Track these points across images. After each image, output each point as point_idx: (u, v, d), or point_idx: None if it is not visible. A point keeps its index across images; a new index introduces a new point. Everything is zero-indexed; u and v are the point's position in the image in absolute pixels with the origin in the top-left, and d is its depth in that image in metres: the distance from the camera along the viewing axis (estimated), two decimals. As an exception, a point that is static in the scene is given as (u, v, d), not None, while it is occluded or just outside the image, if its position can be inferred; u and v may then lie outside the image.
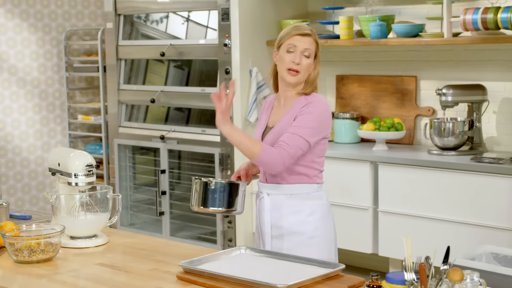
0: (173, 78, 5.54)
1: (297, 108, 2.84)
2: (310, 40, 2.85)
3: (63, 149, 3.00)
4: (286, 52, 2.85)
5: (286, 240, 2.88)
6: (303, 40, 2.84)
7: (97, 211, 2.84)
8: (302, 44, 2.83)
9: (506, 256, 2.36)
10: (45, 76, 6.08)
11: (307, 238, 2.86)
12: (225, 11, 4.91)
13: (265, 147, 2.75)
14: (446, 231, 4.12)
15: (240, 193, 2.83)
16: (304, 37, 2.84)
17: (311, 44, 2.85)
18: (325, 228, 2.89)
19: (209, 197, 2.80)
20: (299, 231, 2.86)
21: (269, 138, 2.88)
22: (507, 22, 3.97)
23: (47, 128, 6.12)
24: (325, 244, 2.88)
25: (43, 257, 2.61)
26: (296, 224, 2.86)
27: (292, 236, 2.87)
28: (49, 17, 6.07)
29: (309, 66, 2.85)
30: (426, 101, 4.77)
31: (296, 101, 2.87)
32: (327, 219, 2.91)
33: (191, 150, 5.25)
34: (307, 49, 2.84)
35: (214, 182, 2.79)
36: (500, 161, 3.99)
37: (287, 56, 2.84)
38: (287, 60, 2.84)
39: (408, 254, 2.06)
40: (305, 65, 2.84)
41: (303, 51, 2.83)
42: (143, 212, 5.73)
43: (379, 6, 4.91)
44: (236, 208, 2.83)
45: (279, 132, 2.84)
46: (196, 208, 2.83)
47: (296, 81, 2.85)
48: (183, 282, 2.35)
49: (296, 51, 2.84)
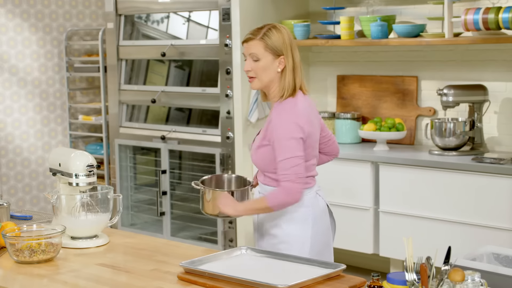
0: (174, 78, 5.54)
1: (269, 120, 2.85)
2: (253, 42, 2.83)
3: (64, 149, 3.00)
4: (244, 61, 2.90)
5: (265, 240, 2.92)
6: (248, 45, 2.85)
7: (98, 211, 2.84)
8: (247, 49, 2.86)
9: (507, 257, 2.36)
10: (46, 76, 6.08)
11: (278, 242, 2.86)
12: (226, 11, 4.91)
13: (270, 197, 2.78)
14: (447, 232, 4.12)
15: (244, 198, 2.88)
16: (247, 42, 2.85)
17: (255, 46, 2.82)
18: (296, 237, 2.84)
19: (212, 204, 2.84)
20: (272, 234, 2.89)
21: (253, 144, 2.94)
22: (508, 22, 3.97)
23: (48, 128, 6.12)
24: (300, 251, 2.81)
25: (44, 257, 2.61)
26: (271, 226, 2.89)
27: (268, 237, 2.90)
28: (50, 17, 6.07)
29: (262, 68, 2.82)
30: (427, 101, 4.77)
31: (272, 111, 2.88)
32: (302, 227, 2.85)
33: (192, 150, 5.25)
34: (252, 53, 2.84)
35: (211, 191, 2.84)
36: (501, 161, 3.98)
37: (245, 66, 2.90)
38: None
39: (409, 255, 2.05)
40: (256, 69, 2.83)
41: (250, 56, 2.85)
42: (144, 212, 5.73)
43: (380, 6, 4.91)
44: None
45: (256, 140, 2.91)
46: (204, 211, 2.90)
47: (254, 86, 2.87)
48: (184, 282, 2.35)
49: (247, 58, 2.87)
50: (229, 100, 4.96)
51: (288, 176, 2.73)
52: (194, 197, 5.38)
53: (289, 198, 2.75)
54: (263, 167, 2.89)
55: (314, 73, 5.30)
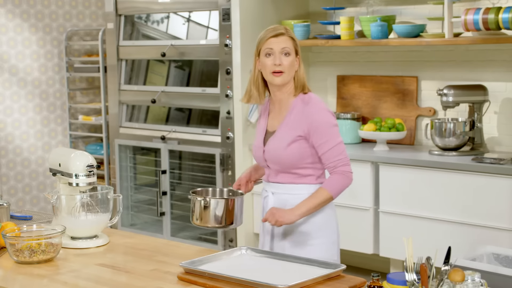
0: (174, 78, 5.54)
1: (297, 112, 2.85)
2: (285, 38, 2.86)
3: (64, 150, 3.00)
4: (265, 57, 2.87)
5: (289, 239, 2.88)
6: (278, 40, 2.85)
7: (97, 211, 2.84)
8: (278, 44, 2.85)
9: (507, 257, 2.36)
10: (46, 77, 6.08)
11: (309, 238, 2.86)
12: (226, 12, 4.91)
13: (330, 186, 2.80)
14: (447, 232, 4.12)
15: (237, 208, 2.83)
16: (278, 37, 2.86)
17: (287, 41, 2.86)
18: (327, 229, 2.89)
19: (206, 214, 2.80)
20: (301, 231, 2.87)
21: (271, 143, 2.90)
22: (508, 23, 3.97)
23: (48, 128, 6.12)
24: (327, 245, 2.88)
25: (44, 257, 2.60)
26: (299, 224, 2.86)
27: (294, 235, 2.87)
28: (50, 17, 6.07)
29: (291, 63, 2.86)
30: (427, 101, 4.76)
31: (293, 105, 2.88)
32: (330, 219, 2.91)
33: (192, 151, 5.25)
34: (284, 48, 2.85)
35: (208, 200, 2.79)
36: (501, 161, 3.98)
37: (268, 60, 2.86)
38: (268, 64, 2.86)
39: (409, 255, 2.05)
40: (287, 64, 2.85)
41: (281, 51, 2.85)
42: (144, 213, 5.73)
43: (380, 6, 4.91)
44: (234, 223, 2.84)
45: (282, 137, 2.86)
46: (194, 223, 2.85)
47: (282, 81, 2.86)
48: (184, 282, 2.35)
49: (275, 53, 2.85)
50: (229, 100, 4.96)
51: (343, 160, 2.82)
52: (194, 197, 5.37)
53: (348, 182, 2.83)
54: (295, 163, 2.85)
55: (314, 73, 5.30)
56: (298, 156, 2.84)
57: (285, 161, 2.86)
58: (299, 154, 2.83)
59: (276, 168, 2.90)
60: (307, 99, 2.88)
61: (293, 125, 2.85)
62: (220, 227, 2.83)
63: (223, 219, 2.81)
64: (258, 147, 2.97)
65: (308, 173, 2.86)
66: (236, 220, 2.84)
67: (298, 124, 2.84)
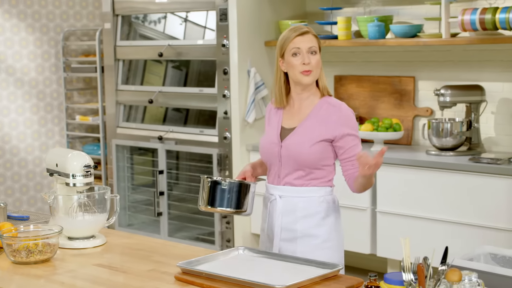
0: (171, 78, 5.54)
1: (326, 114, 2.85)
2: (311, 36, 2.85)
3: (61, 150, 3.00)
4: (292, 57, 2.83)
5: (300, 244, 2.83)
6: (304, 39, 2.83)
7: (95, 211, 2.84)
8: (305, 43, 2.83)
9: (504, 257, 2.36)
10: (43, 77, 6.07)
11: (322, 241, 2.82)
12: (223, 12, 4.91)
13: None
14: (445, 232, 4.12)
15: (250, 194, 2.77)
16: (304, 36, 2.83)
17: (313, 40, 2.85)
18: (337, 231, 2.87)
19: (218, 197, 2.73)
20: (313, 234, 2.83)
21: (291, 139, 2.84)
22: (505, 23, 3.97)
23: (45, 128, 6.11)
24: (338, 247, 2.86)
25: (41, 258, 2.60)
26: (310, 227, 2.83)
27: (306, 239, 2.83)
28: (47, 17, 6.06)
29: (318, 62, 2.86)
30: (424, 101, 4.77)
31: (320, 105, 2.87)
32: (338, 222, 2.90)
33: (189, 151, 5.25)
34: (311, 46, 2.84)
35: (225, 181, 2.72)
36: (498, 161, 3.99)
37: (295, 60, 2.82)
38: (296, 63, 2.82)
39: (406, 255, 2.05)
40: (315, 62, 2.84)
41: (308, 50, 2.83)
42: (141, 213, 5.73)
43: (377, 7, 4.91)
44: (246, 209, 2.77)
45: (305, 135, 2.82)
46: (203, 208, 2.77)
47: (312, 80, 2.86)
48: (181, 282, 2.35)
49: (302, 52, 2.82)
50: (227, 100, 4.96)
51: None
52: (191, 198, 5.38)
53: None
54: (314, 162, 2.81)
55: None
56: (319, 156, 2.80)
57: (305, 159, 2.80)
58: (321, 154, 2.80)
59: (291, 165, 2.82)
60: (336, 103, 2.90)
61: (321, 126, 2.82)
62: (232, 212, 2.74)
63: (237, 203, 2.72)
64: (272, 143, 2.87)
65: (322, 175, 2.83)
66: (249, 207, 2.76)
67: (328, 127, 2.81)
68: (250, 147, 4.94)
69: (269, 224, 2.88)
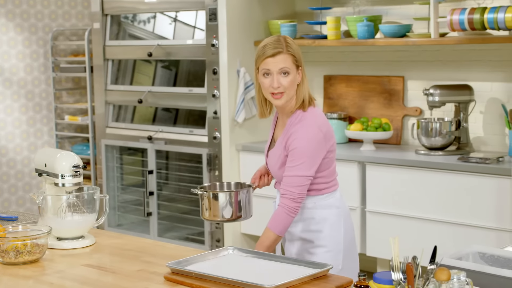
0: (161, 78, 5.53)
1: (287, 130, 2.78)
2: (283, 57, 2.71)
3: (50, 150, 2.99)
4: (263, 77, 2.75)
5: (296, 245, 2.88)
6: (276, 60, 2.71)
7: (84, 212, 2.83)
8: (275, 65, 2.71)
9: (493, 256, 2.37)
10: (31, 77, 6.05)
11: (313, 246, 2.84)
12: (212, 11, 4.91)
13: (273, 223, 2.75)
14: (434, 231, 4.13)
15: (244, 200, 2.83)
16: (275, 57, 2.71)
17: (286, 60, 2.71)
18: (333, 237, 2.84)
19: (214, 207, 2.82)
20: (305, 239, 2.85)
21: (271, 155, 2.86)
22: (494, 23, 3.99)
23: (33, 128, 6.09)
24: (332, 253, 2.83)
25: (30, 258, 2.59)
26: (302, 231, 2.85)
27: (300, 242, 2.86)
28: (36, 17, 6.04)
29: (292, 82, 2.73)
30: (413, 101, 4.78)
31: (290, 120, 2.79)
32: (336, 227, 2.85)
33: (179, 151, 5.24)
34: (282, 68, 2.71)
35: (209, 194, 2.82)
36: (487, 161, 4.00)
37: (265, 81, 2.74)
38: (266, 85, 2.74)
39: (395, 254, 2.06)
40: (286, 84, 2.72)
41: (279, 71, 2.72)
42: (131, 213, 5.72)
43: (367, 7, 4.92)
44: (242, 216, 2.84)
45: (276, 153, 2.82)
46: (203, 217, 2.88)
47: (284, 102, 2.75)
48: (170, 282, 2.35)
49: (272, 74, 2.72)
50: (216, 100, 4.95)
51: (293, 194, 2.73)
52: (181, 198, 5.37)
53: (289, 218, 2.75)
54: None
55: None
56: None
57: (279, 179, 2.85)
58: None
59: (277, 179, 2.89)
60: (300, 117, 2.76)
61: (283, 144, 2.78)
62: (229, 220, 2.83)
63: (231, 212, 2.82)
64: (265, 154, 2.94)
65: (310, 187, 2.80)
66: (245, 212, 2.84)
67: (287, 144, 2.77)
68: (239, 147, 4.94)
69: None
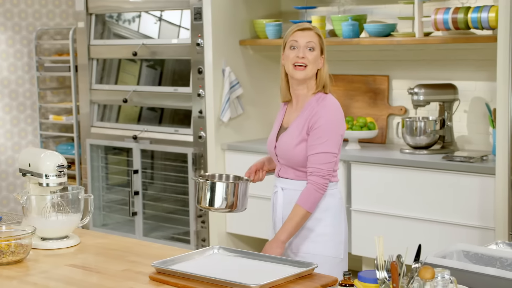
0: (146, 77, 5.51)
1: (309, 110, 2.84)
2: (311, 33, 2.85)
3: (34, 150, 2.97)
4: (289, 49, 2.86)
5: (297, 236, 2.88)
6: (304, 34, 2.84)
7: (68, 211, 2.82)
8: (303, 38, 2.84)
9: (477, 254, 2.38)
10: (15, 76, 6.01)
11: (316, 235, 2.86)
12: (197, 11, 4.90)
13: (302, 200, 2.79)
14: (418, 230, 4.15)
15: (240, 193, 2.88)
16: (304, 31, 2.85)
17: (313, 37, 2.85)
18: (335, 226, 2.89)
19: (210, 196, 2.86)
20: (308, 228, 2.87)
21: (284, 138, 2.89)
22: (477, 22, 4.01)
23: (17, 128, 6.05)
24: (334, 242, 2.88)
25: (13, 258, 2.58)
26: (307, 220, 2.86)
27: (301, 231, 2.87)
28: (19, 16, 6.00)
29: (315, 58, 2.84)
30: (398, 100, 4.80)
31: (308, 102, 2.87)
32: (338, 217, 2.91)
33: (164, 150, 5.23)
34: (309, 42, 2.84)
35: (210, 182, 2.86)
36: (471, 159, 4.02)
37: (291, 52, 2.85)
38: (291, 56, 2.85)
39: (380, 253, 2.07)
40: (311, 58, 2.83)
41: (306, 45, 2.83)
42: (116, 213, 5.70)
43: (351, 6, 4.93)
44: (236, 207, 2.89)
45: (293, 135, 2.85)
46: (198, 205, 2.92)
47: (305, 75, 2.84)
48: (155, 282, 2.34)
49: (299, 46, 2.83)
50: (201, 99, 4.95)
51: (322, 171, 2.78)
52: (166, 197, 5.36)
53: (320, 195, 2.79)
54: (303, 162, 2.83)
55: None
56: (306, 156, 2.83)
57: (294, 159, 2.85)
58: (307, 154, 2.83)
59: (286, 164, 2.89)
60: (321, 99, 2.86)
61: (303, 124, 2.83)
62: (222, 210, 2.88)
63: (226, 203, 2.86)
64: (271, 141, 2.96)
65: None
66: (239, 205, 2.88)
67: (309, 123, 2.82)
68: (225, 146, 4.94)
69: (273, 215, 2.97)
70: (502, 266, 2.32)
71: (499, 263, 2.34)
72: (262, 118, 5.19)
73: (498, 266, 2.33)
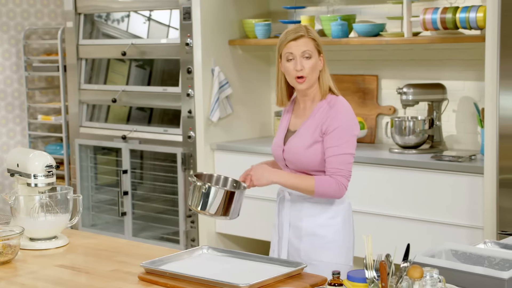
0: (135, 77, 5.50)
1: (322, 113, 2.83)
2: (305, 40, 2.82)
3: (23, 150, 2.96)
4: (286, 62, 2.84)
5: (304, 241, 2.86)
6: (298, 44, 2.81)
7: (57, 212, 2.81)
8: (297, 48, 2.81)
9: (465, 253, 2.39)
10: (3, 76, 5.99)
11: (327, 241, 2.84)
12: (186, 10, 4.89)
13: (320, 184, 2.76)
14: (407, 229, 4.16)
15: (235, 201, 2.77)
16: (297, 40, 2.81)
17: (307, 43, 2.81)
18: (345, 232, 2.87)
19: (203, 200, 2.75)
20: (319, 234, 2.85)
21: (291, 142, 2.87)
22: (466, 22, 4.03)
23: (6, 128, 6.03)
24: (344, 248, 2.86)
25: (2, 259, 2.57)
26: (316, 226, 2.85)
27: (311, 238, 2.85)
28: (7, 15, 5.98)
29: (314, 65, 2.82)
30: (387, 100, 4.81)
31: (319, 105, 2.86)
32: (347, 223, 2.89)
33: (153, 150, 5.22)
34: (304, 51, 2.81)
35: (207, 187, 2.73)
36: (459, 159, 4.04)
37: (289, 65, 2.83)
38: (290, 69, 2.83)
39: (368, 252, 2.07)
40: (308, 67, 2.81)
41: (301, 55, 2.81)
42: (105, 213, 5.68)
43: (340, 6, 4.94)
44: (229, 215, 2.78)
45: (303, 138, 2.84)
46: (190, 207, 2.82)
47: (307, 86, 2.83)
48: (144, 282, 2.34)
49: (295, 58, 2.81)
50: (191, 99, 4.94)
51: (344, 171, 2.78)
52: (156, 197, 5.35)
53: (337, 193, 2.78)
54: (313, 165, 2.81)
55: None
56: (318, 159, 2.81)
57: (303, 163, 2.83)
58: (319, 156, 2.81)
59: (294, 168, 2.87)
60: (333, 101, 2.85)
61: (315, 127, 2.82)
62: (215, 216, 2.78)
63: (219, 209, 2.75)
64: (277, 145, 2.93)
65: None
66: (232, 212, 2.77)
67: (320, 127, 2.81)
68: (214, 146, 4.93)
69: (280, 220, 2.94)
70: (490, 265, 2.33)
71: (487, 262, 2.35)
72: (252, 118, 5.19)
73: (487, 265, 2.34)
